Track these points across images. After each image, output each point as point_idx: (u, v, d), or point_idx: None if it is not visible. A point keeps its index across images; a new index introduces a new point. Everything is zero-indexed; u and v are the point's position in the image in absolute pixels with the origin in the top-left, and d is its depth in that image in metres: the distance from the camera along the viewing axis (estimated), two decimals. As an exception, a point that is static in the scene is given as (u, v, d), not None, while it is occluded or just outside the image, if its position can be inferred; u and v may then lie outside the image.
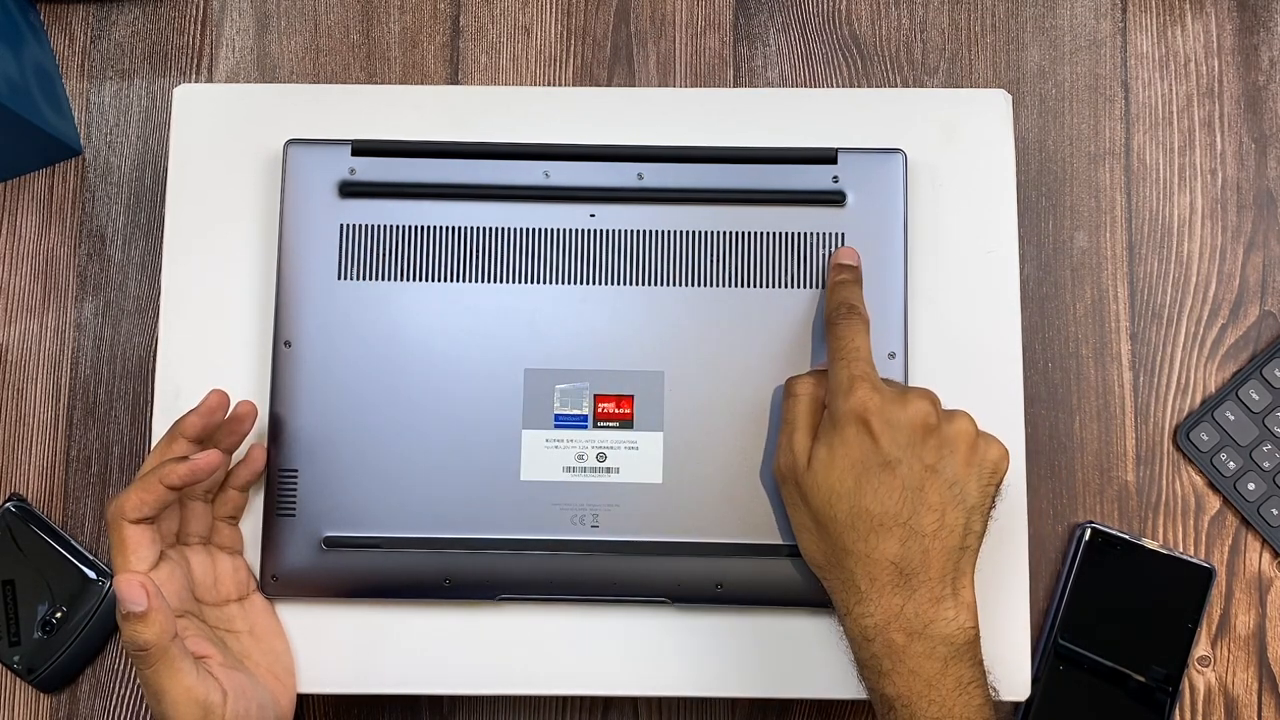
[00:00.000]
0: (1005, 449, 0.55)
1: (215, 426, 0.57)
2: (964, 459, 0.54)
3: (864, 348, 0.56)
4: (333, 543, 0.59)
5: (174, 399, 0.61)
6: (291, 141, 0.61)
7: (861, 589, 0.53)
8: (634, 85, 0.70)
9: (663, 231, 0.61)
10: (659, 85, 0.70)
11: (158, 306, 0.62)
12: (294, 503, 0.59)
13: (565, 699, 0.67)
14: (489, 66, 0.71)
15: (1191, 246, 0.69)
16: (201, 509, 0.58)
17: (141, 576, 0.52)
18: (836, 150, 0.61)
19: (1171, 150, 0.70)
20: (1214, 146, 0.70)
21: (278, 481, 0.59)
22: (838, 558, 0.54)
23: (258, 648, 0.58)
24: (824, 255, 0.60)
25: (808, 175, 0.61)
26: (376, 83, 0.70)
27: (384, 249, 0.61)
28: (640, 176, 0.61)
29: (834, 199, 0.61)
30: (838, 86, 0.70)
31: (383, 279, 0.60)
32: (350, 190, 0.61)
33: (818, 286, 0.60)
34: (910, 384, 0.60)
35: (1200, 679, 0.66)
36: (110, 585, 0.65)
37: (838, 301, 0.57)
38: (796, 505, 0.56)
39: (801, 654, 0.59)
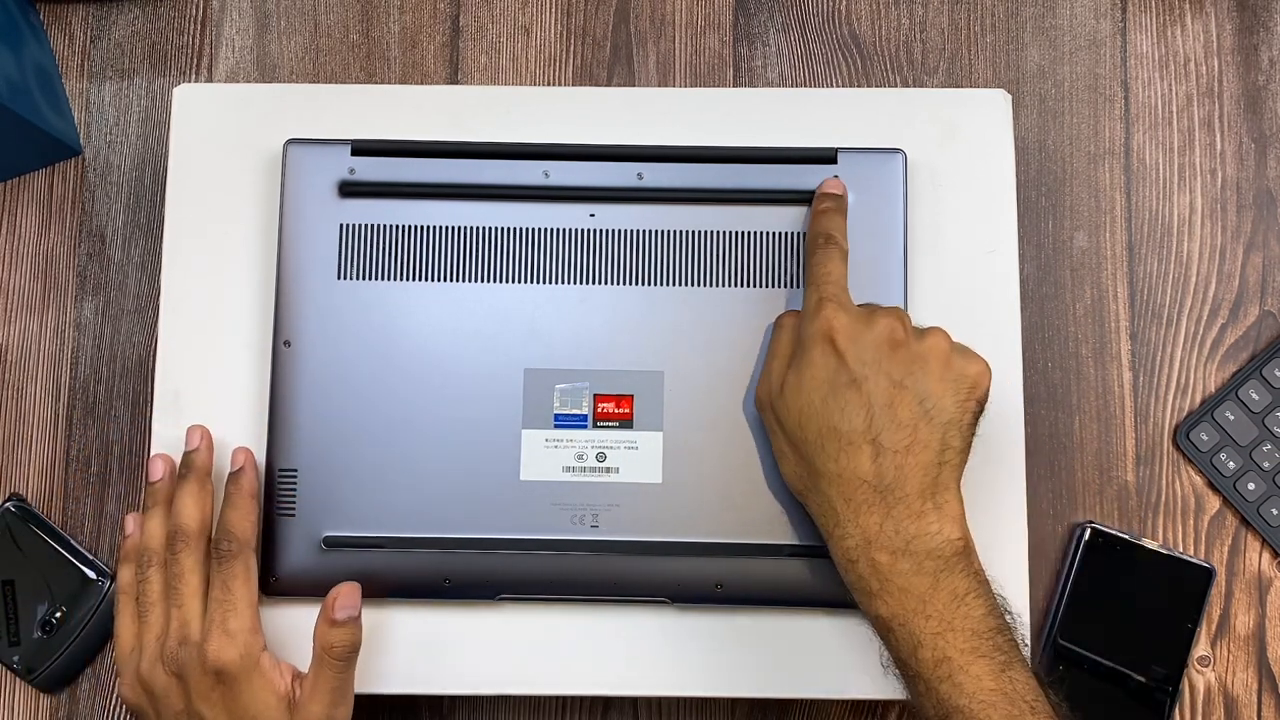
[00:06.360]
0: (985, 365, 0.55)
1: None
2: (937, 374, 0.54)
3: (836, 273, 0.56)
4: (333, 543, 0.59)
5: (173, 399, 0.61)
6: (291, 141, 0.61)
7: (839, 511, 0.53)
8: (634, 85, 0.70)
9: (663, 231, 0.61)
10: (659, 85, 0.70)
11: (158, 306, 0.62)
12: (294, 503, 0.59)
13: (565, 699, 0.67)
14: (489, 66, 0.71)
15: (1191, 246, 0.69)
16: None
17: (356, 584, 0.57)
18: (836, 150, 0.61)
19: (1171, 150, 0.70)
20: (1214, 146, 0.70)
21: (278, 481, 0.59)
22: (813, 481, 0.54)
23: None
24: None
25: (808, 175, 0.61)
26: (376, 83, 0.70)
27: (384, 249, 0.61)
28: (640, 176, 0.61)
29: (834, 199, 0.61)
30: (838, 86, 0.70)
31: (383, 279, 0.60)
32: (350, 190, 0.61)
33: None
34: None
35: (1200, 679, 0.66)
36: (111, 585, 0.65)
37: (817, 230, 0.58)
38: (774, 431, 0.56)
39: (801, 654, 0.59)
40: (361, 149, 0.61)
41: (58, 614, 0.65)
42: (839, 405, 0.53)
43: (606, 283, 0.61)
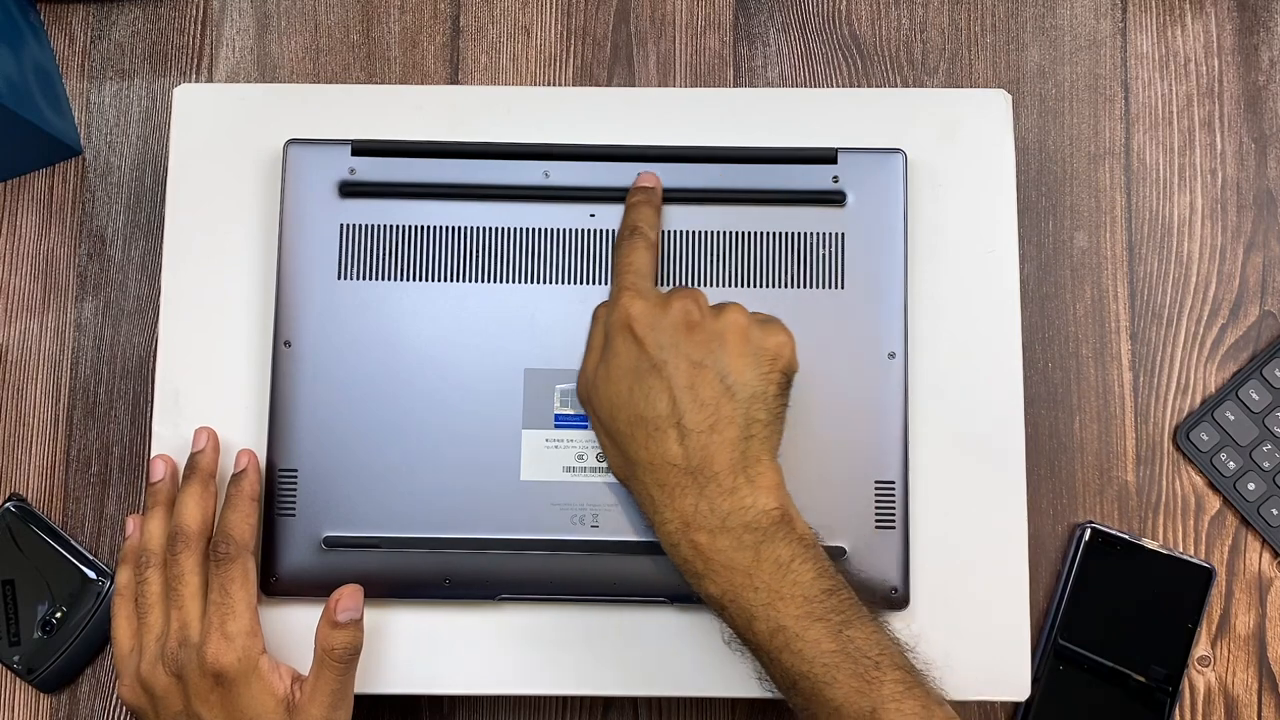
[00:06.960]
0: (787, 335, 0.55)
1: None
2: (736, 350, 0.54)
3: (639, 263, 0.57)
4: (333, 543, 0.59)
5: (174, 399, 0.61)
6: (291, 141, 0.61)
7: (655, 497, 0.53)
8: (634, 85, 0.70)
9: (663, 231, 0.61)
10: (659, 85, 0.70)
11: (158, 306, 0.62)
12: (294, 503, 0.59)
13: (565, 699, 0.67)
14: (489, 66, 0.71)
15: (1191, 246, 0.69)
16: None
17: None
18: (836, 150, 0.61)
19: (1171, 150, 0.70)
20: (1214, 146, 0.70)
21: (278, 481, 0.59)
22: (631, 470, 0.55)
23: None
24: (824, 255, 0.60)
25: (808, 175, 0.61)
26: (376, 83, 0.70)
27: (384, 249, 0.61)
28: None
29: (834, 199, 0.61)
30: (838, 86, 0.70)
31: (383, 279, 0.60)
32: (350, 190, 0.61)
33: (819, 286, 0.60)
34: (910, 382, 0.60)
35: (1200, 679, 0.66)
36: (110, 586, 0.65)
37: (626, 223, 0.59)
38: (594, 424, 0.57)
39: (801, 654, 0.59)
40: (361, 149, 0.61)
41: (58, 614, 0.65)
42: (644, 392, 0.53)
43: (606, 283, 0.61)
